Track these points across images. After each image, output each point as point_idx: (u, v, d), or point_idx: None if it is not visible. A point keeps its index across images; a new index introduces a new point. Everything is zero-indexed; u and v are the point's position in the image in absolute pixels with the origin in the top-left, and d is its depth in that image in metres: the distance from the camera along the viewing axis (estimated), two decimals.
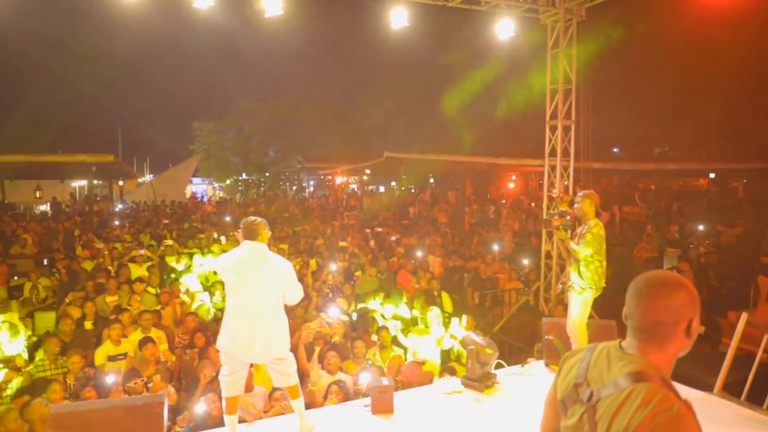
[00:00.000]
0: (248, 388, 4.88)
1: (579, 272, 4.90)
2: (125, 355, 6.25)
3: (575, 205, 5.08)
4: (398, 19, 8.03)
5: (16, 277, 10.04)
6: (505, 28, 8.23)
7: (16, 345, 6.58)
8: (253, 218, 3.97)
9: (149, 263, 9.77)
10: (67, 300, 7.85)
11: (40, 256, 12.48)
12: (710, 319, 7.56)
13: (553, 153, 8.13)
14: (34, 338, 7.29)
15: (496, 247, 12.35)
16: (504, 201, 24.53)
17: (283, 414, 4.65)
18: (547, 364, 5.45)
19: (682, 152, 28.41)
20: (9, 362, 5.94)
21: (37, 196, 22.28)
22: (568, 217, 5.16)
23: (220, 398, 4.09)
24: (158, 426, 3.43)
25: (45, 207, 23.38)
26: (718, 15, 14.26)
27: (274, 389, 5.07)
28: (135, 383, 5.13)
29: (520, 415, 4.33)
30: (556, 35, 8.22)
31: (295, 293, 3.93)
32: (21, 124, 33.07)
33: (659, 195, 21.66)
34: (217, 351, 4.02)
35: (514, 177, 28.00)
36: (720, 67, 22.62)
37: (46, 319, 7.91)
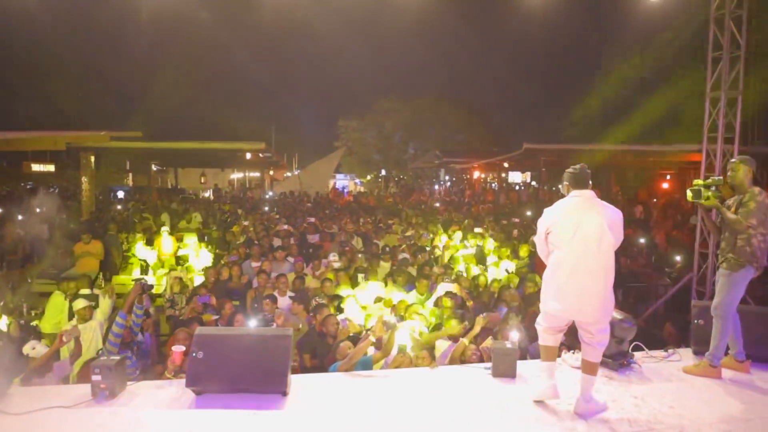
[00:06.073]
0: None
1: (735, 246, 4.27)
2: None
3: (729, 173, 4.42)
4: None
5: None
6: None
7: None
8: (580, 165, 3.65)
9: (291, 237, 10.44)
10: (222, 262, 8.70)
11: (202, 231, 13.94)
12: None
13: (713, 130, 7.20)
14: None
15: (642, 240, 11.37)
16: (655, 200, 22.47)
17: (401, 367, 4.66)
18: (695, 352, 4.89)
19: None
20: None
21: (202, 181, 25.01)
22: (714, 188, 4.47)
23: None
24: (285, 356, 3.64)
25: (208, 193, 26.21)
26: None
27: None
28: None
29: (659, 398, 3.94)
30: None
31: (619, 240, 3.56)
32: (191, 124, 37.40)
33: None
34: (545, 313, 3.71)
35: (668, 176, 25.39)
36: None
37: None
